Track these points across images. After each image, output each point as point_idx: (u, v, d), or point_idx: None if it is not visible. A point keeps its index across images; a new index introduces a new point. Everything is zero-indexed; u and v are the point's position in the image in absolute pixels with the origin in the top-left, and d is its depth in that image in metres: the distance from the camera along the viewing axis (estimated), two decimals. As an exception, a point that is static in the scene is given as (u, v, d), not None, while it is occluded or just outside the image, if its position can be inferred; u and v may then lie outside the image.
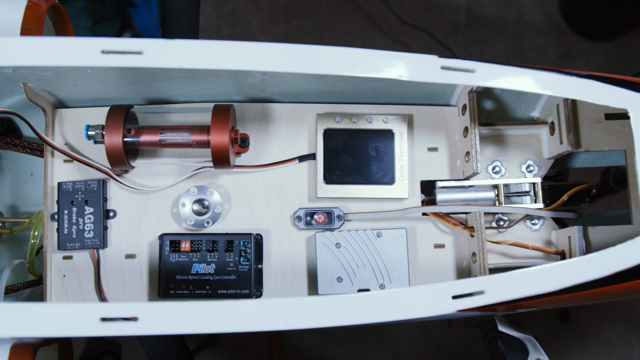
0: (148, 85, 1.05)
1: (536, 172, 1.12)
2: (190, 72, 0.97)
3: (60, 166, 1.09)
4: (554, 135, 1.09)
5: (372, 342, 2.38)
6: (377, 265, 1.05)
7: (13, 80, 1.00)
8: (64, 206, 1.06)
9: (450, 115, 1.11)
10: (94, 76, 1.00)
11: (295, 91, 1.08)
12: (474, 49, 2.55)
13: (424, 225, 1.10)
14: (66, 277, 1.08)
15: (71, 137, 1.10)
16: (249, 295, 1.04)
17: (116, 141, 0.99)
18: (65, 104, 1.11)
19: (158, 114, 1.10)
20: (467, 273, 1.08)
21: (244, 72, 0.99)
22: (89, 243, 1.06)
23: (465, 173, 1.07)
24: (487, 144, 1.13)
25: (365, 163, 1.08)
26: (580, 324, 2.39)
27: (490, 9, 2.59)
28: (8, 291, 1.08)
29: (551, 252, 1.09)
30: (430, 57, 0.89)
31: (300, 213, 1.08)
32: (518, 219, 1.12)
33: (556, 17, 2.59)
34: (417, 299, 0.83)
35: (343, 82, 1.03)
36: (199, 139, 1.03)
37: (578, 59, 2.55)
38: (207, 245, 1.05)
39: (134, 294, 1.07)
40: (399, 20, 2.54)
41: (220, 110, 1.01)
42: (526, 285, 0.84)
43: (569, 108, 1.05)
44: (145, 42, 0.85)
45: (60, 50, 0.84)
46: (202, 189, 1.07)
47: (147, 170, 1.09)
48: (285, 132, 1.10)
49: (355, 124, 1.08)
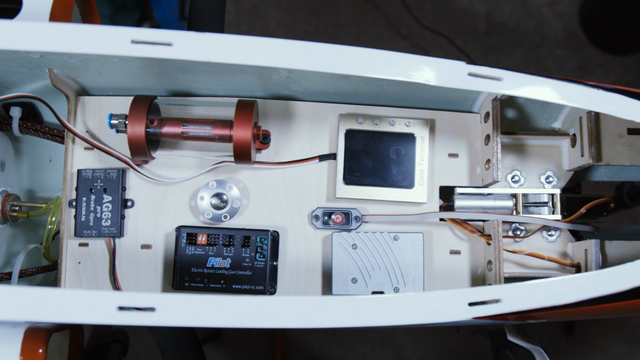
0: (172, 77, 1.05)
1: (555, 183, 1.12)
2: (216, 66, 0.97)
3: (80, 153, 1.09)
4: (575, 148, 1.09)
5: (375, 345, 2.38)
6: (392, 268, 1.05)
7: (39, 65, 1.00)
8: (82, 193, 1.07)
9: (473, 122, 1.11)
10: (120, 65, 1.00)
11: (319, 90, 1.08)
12: (492, 56, 2.55)
13: (440, 231, 1.10)
14: (81, 264, 1.08)
15: (92, 124, 1.10)
16: (263, 292, 1.04)
17: (139, 131, 0.99)
18: (88, 91, 1.11)
19: (180, 106, 1.10)
20: (482, 281, 1.08)
21: (269, 69, 0.99)
22: (105, 231, 1.06)
23: (485, 181, 1.07)
24: (508, 152, 1.12)
25: (386, 166, 1.08)
26: (585, 338, 2.38)
27: (510, 18, 2.58)
28: (22, 275, 1.08)
29: (567, 264, 1.09)
30: (457, 63, 0.89)
31: (318, 212, 1.08)
32: (535, 229, 1.11)
33: (576, 28, 2.58)
34: (434, 304, 0.83)
35: (367, 83, 1.03)
36: (221, 133, 1.03)
37: (596, 72, 2.54)
38: (223, 239, 1.05)
39: (147, 285, 1.08)
40: (418, 24, 2.54)
41: (244, 105, 1.01)
42: (543, 296, 0.84)
43: (592, 121, 1.05)
44: (175, 34, 0.85)
45: (91, 37, 0.85)
46: (221, 183, 1.07)
47: (166, 162, 1.09)
48: (306, 131, 1.10)
49: (377, 126, 1.08)
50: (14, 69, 1.02)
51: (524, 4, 2.59)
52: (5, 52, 0.92)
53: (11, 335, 0.92)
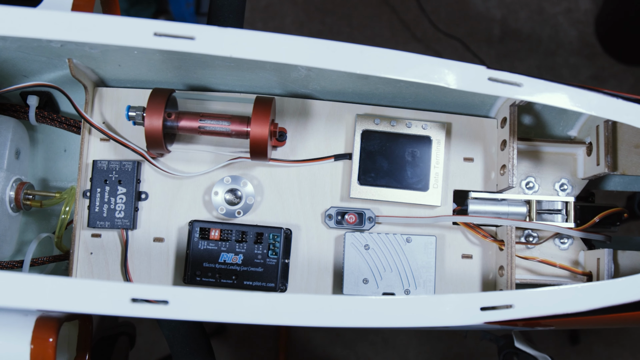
0: (191, 71, 1.05)
1: (569, 191, 1.12)
2: (236, 61, 0.97)
3: (96, 144, 1.09)
4: (591, 156, 1.09)
5: (379, 347, 2.38)
6: (403, 270, 1.05)
7: (59, 55, 1.00)
8: (97, 184, 1.07)
9: (489, 127, 1.11)
10: (140, 58, 1.00)
11: (337, 90, 1.08)
12: (505, 62, 2.55)
13: (453, 235, 1.10)
14: (93, 254, 1.08)
15: (109, 116, 1.10)
16: (274, 289, 1.04)
17: (156, 124, 0.99)
18: (106, 82, 1.11)
19: (198, 101, 1.10)
20: (493, 286, 1.08)
21: (289, 66, 0.99)
22: (118, 223, 1.06)
23: (499, 186, 1.07)
24: (523, 159, 1.12)
25: (401, 167, 1.08)
26: (589, 347, 2.38)
27: (525, 24, 2.58)
28: (33, 264, 1.08)
29: (578, 273, 1.09)
30: (478, 67, 0.89)
31: (332, 212, 1.08)
32: (548, 236, 1.11)
33: (591, 37, 2.58)
34: (446, 307, 0.83)
35: (386, 84, 1.03)
36: (238, 129, 1.03)
37: (609, 82, 2.54)
38: (236, 235, 1.05)
39: (158, 278, 1.08)
40: (433, 28, 2.54)
41: (263, 102, 1.01)
42: (555, 304, 0.84)
43: (609, 130, 1.05)
44: (198, 28, 0.85)
45: (114, 28, 0.85)
46: (236, 179, 1.07)
47: (182, 156, 1.09)
48: (322, 130, 1.10)
49: (394, 127, 1.08)
50: (34, 58, 1.02)
51: (540, 11, 2.59)
52: (26, 40, 0.92)
53: (22, 323, 0.92)
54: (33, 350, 0.91)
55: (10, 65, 1.04)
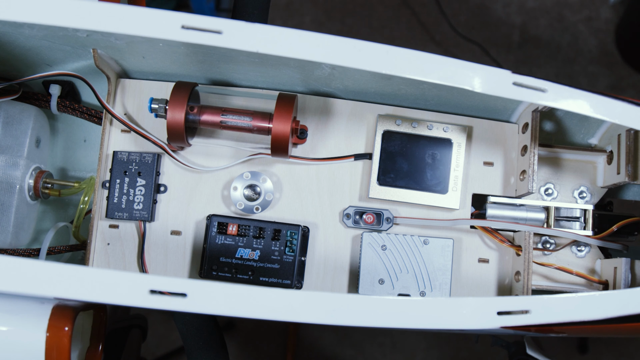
0: (215, 65, 1.05)
1: (588, 199, 1.11)
2: (261, 57, 0.97)
3: (117, 135, 1.10)
4: (611, 165, 1.08)
5: (387, 348, 2.38)
6: (420, 272, 1.05)
7: (84, 44, 1.00)
8: (116, 175, 1.07)
9: (510, 132, 1.11)
10: (165, 50, 1.01)
11: (359, 89, 1.08)
12: (524, 68, 2.54)
13: (470, 238, 1.09)
14: (110, 245, 1.08)
15: (131, 107, 1.10)
16: (289, 286, 1.04)
17: (178, 117, 0.99)
18: (129, 74, 1.12)
19: (220, 96, 1.10)
20: (509, 291, 1.08)
21: (313, 64, 0.99)
22: (137, 215, 1.07)
23: (518, 191, 1.07)
24: (542, 165, 1.12)
25: (421, 169, 1.08)
26: (598, 356, 2.37)
27: (545, 31, 2.57)
28: (50, 252, 1.08)
29: (595, 281, 1.08)
30: (503, 72, 0.89)
31: (350, 211, 1.08)
32: (565, 243, 1.11)
33: (610, 46, 2.57)
34: (463, 311, 0.83)
35: (409, 85, 1.03)
36: (260, 125, 1.03)
37: (628, 92, 2.53)
38: (254, 231, 1.05)
39: (174, 271, 1.08)
40: (452, 31, 2.53)
41: (285, 99, 1.01)
42: (572, 311, 0.84)
43: (631, 139, 1.04)
44: (226, 22, 0.85)
45: (141, 20, 0.85)
46: (255, 174, 1.07)
47: (202, 150, 1.09)
48: (343, 129, 1.10)
49: (415, 129, 1.08)
50: (59, 47, 1.02)
51: (560, 19, 2.58)
52: (53, 28, 0.92)
53: (39, 310, 0.93)
54: (49, 338, 0.91)
55: (34, 54, 1.05)
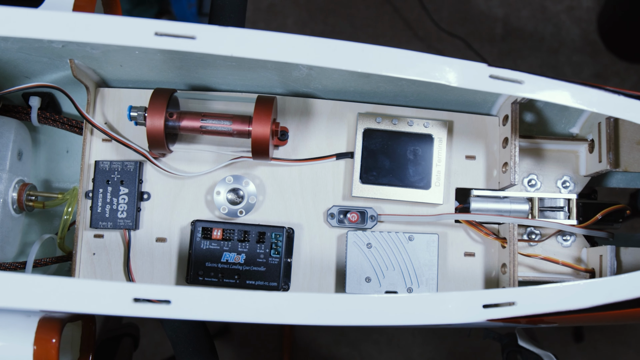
0: (192, 71, 1.05)
1: (572, 188, 1.12)
2: (238, 60, 0.97)
3: (98, 145, 1.10)
4: (593, 153, 1.09)
5: (383, 346, 2.38)
6: (406, 268, 1.05)
7: (60, 55, 1.00)
8: (99, 185, 1.07)
9: (491, 124, 1.11)
10: (141, 58, 1.00)
11: (338, 88, 1.08)
12: (508, 61, 2.54)
13: (455, 233, 1.10)
14: (96, 255, 1.08)
15: (111, 116, 1.10)
16: (276, 288, 1.04)
17: (158, 124, 0.99)
18: (108, 83, 1.12)
19: (199, 101, 1.10)
20: (495, 284, 1.08)
21: (290, 65, 0.99)
22: (121, 223, 1.06)
23: (501, 184, 1.07)
24: (525, 156, 1.12)
25: (403, 166, 1.08)
26: (593, 344, 2.37)
27: (527, 22, 2.58)
28: (36, 265, 1.08)
29: (581, 270, 1.09)
30: (479, 65, 0.89)
31: (334, 210, 1.08)
32: (550, 233, 1.11)
33: (593, 35, 2.58)
34: (448, 305, 0.83)
35: (387, 83, 1.03)
36: (240, 128, 1.03)
37: (612, 80, 2.53)
38: (239, 234, 1.05)
39: (161, 278, 1.08)
40: (435, 27, 2.54)
41: (264, 101, 1.01)
42: (558, 300, 0.84)
43: (611, 127, 1.04)
44: (199, 27, 0.85)
45: (115, 28, 0.85)
46: (238, 178, 1.07)
47: (184, 156, 1.09)
48: (324, 129, 1.10)
49: (395, 126, 1.08)
50: (36, 59, 1.02)
51: (542, 9, 2.59)
52: (28, 40, 0.92)
53: (25, 324, 0.92)
54: (36, 351, 0.91)
55: (12, 67, 1.05)
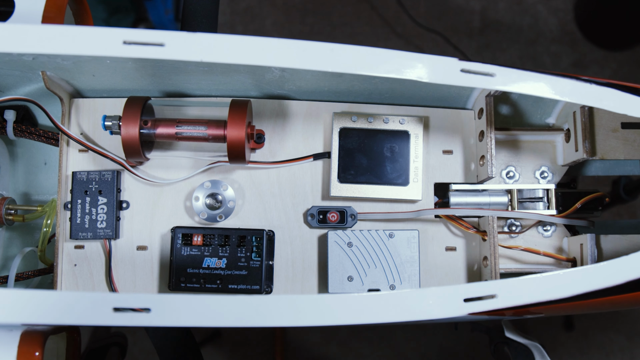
0: (166, 77, 1.05)
1: (550, 178, 1.12)
2: (209, 66, 0.97)
3: (75, 156, 1.09)
4: (570, 143, 1.09)
5: (375, 344, 2.38)
6: (388, 265, 1.05)
7: (32, 68, 1.00)
8: (77, 196, 1.07)
9: (467, 118, 1.11)
10: (113, 67, 1.00)
11: (312, 89, 1.08)
12: (487, 54, 2.55)
13: (436, 228, 1.10)
14: (77, 266, 1.08)
15: (87, 127, 1.10)
16: (259, 291, 1.04)
17: (133, 132, 0.99)
18: (82, 93, 1.11)
19: (174, 107, 1.10)
20: (478, 277, 1.08)
21: (262, 68, 0.99)
22: (101, 233, 1.06)
23: (480, 177, 1.07)
24: (502, 148, 1.12)
25: (380, 163, 1.08)
26: (584, 332, 2.38)
27: (505, 15, 2.58)
28: (18, 278, 1.08)
29: (562, 259, 1.09)
30: (450, 60, 0.89)
31: (313, 211, 1.08)
32: (530, 224, 1.11)
33: (571, 25, 2.58)
34: (429, 301, 0.83)
35: (361, 81, 1.03)
36: (215, 133, 1.03)
37: (591, 68, 2.54)
38: (219, 239, 1.05)
39: (144, 286, 1.07)
40: (413, 23, 2.54)
41: (238, 105, 1.01)
42: (538, 291, 0.84)
43: (585, 115, 1.05)
44: (167, 34, 0.85)
45: (83, 39, 0.85)
46: (216, 183, 1.07)
47: (161, 163, 1.09)
48: (300, 130, 1.10)
49: (371, 124, 1.08)
50: (7, 72, 1.02)
51: (518, 1, 2.59)
52: (-3, 54, 0.92)
53: (7, 338, 0.92)
54: (19, 365, 0.91)
55: (-16, 81, 1.04)
